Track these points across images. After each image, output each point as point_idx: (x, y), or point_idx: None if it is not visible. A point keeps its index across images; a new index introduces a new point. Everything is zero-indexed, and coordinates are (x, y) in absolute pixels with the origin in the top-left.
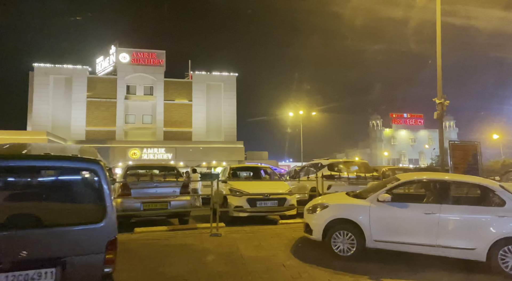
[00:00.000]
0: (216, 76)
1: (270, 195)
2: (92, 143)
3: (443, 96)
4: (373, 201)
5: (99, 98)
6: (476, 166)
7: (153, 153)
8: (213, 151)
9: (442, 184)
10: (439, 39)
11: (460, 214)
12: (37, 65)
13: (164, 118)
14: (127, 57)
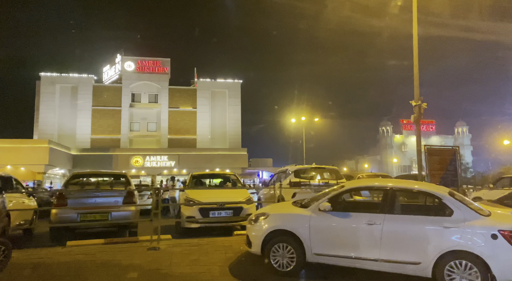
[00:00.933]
0: (220, 83)
1: (225, 204)
2: (97, 151)
3: (420, 99)
4: (314, 210)
5: (104, 107)
6: (455, 172)
7: (156, 161)
8: (216, 158)
9: (387, 191)
10: (416, 40)
11: (405, 225)
12: (44, 75)
13: (169, 125)
14: (132, 66)
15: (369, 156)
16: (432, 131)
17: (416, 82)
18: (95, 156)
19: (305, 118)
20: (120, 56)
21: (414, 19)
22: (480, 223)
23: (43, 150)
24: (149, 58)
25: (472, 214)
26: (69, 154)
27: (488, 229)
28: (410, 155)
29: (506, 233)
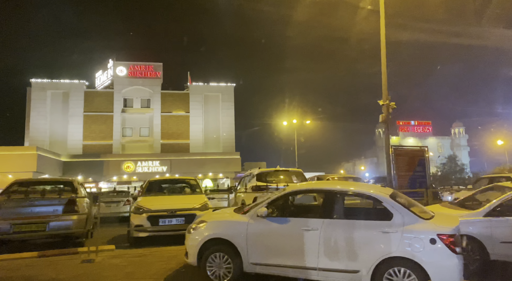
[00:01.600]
0: (213, 87)
1: (176, 211)
2: (88, 157)
3: (388, 98)
4: (252, 216)
5: (96, 112)
6: (424, 173)
7: (148, 166)
8: (209, 163)
9: (327, 194)
10: (383, 40)
11: (343, 230)
12: (34, 81)
13: (161, 130)
14: (124, 71)
15: (366, 158)
16: (429, 133)
17: (384, 82)
18: (86, 162)
19: (296, 121)
20: (112, 61)
21: (382, 19)
22: (420, 227)
23: (31, 157)
24: (141, 63)
25: (412, 217)
26: (59, 160)
27: (426, 233)
28: None
29: (445, 237)
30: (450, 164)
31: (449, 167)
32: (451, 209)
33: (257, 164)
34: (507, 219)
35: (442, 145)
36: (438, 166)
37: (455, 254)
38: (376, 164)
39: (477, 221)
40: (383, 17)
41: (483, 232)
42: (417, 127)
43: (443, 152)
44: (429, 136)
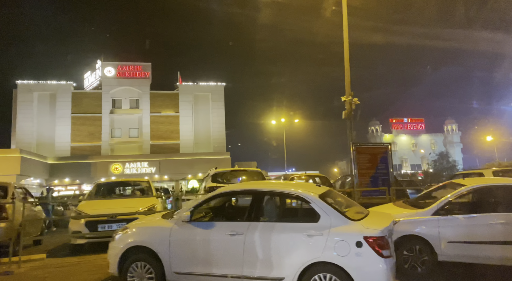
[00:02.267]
0: (203, 86)
1: (116, 216)
2: (77, 159)
3: (351, 94)
4: (177, 221)
5: (84, 114)
6: (386, 171)
7: (136, 167)
8: (199, 163)
9: (256, 195)
10: (346, 37)
11: (269, 234)
12: (21, 82)
13: (151, 131)
14: (113, 71)
15: None
16: (422, 130)
17: (347, 78)
18: (73, 164)
19: (285, 120)
20: (100, 62)
21: (344, 14)
22: (347, 229)
23: (14, 160)
24: (130, 63)
25: (340, 218)
26: (45, 163)
27: (353, 236)
28: (400, 154)
29: (372, 240)
30: (441, 160)
31: (440, 163)
32: (402, 208)
33: (248, 164)
34: (455, 217)
35: (435, 142)
36: (429, 163)
37: (382, 258)
38: None
39: (425, 220)
40: (345, 12)
41: (431, 232)
42: (410, 125)
43: (436, 149)
44: (422, 133)
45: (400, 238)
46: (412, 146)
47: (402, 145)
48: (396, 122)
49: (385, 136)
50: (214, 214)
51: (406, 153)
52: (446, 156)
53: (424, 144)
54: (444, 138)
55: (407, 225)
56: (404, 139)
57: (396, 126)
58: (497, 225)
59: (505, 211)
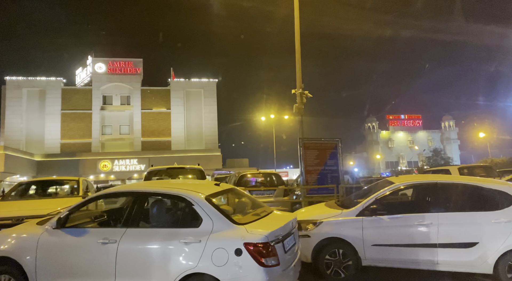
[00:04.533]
0: (195, 83)
1: (23, 218)
2: (66, 156)
3: (301, 86)
4: (48, 228)
5: (74, 110)
6: (336, 168)
7: (125, 165)
8: (189, 160)
9: (135, 198)
10: (298, 27)
11: (144, 241)
12: (9, 79)
13: (142, 128)
14: (103, 67)
15: (356, 153)
16: (419, 126)
17: (298, 70)
18: (61, 161)
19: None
20: (91, 58)
21: (296, 7)
22: (228, 234)
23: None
24: (121, 59)
25: (224, 222)
26: (32, 160)
27: (232, 242)
28: (397, 151)
29: (251, 246)
30: (435, 157)
31: (434, 160)
32: (330, 208)
33: (240, 161)
34: (379, 218)
35: (432, 139)
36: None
37: (263, 268)
38: (366, 159)
39: (349, 221)
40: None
41: (355, 234)
42: (407, 121)
43: (433, 146)
44: (419, 130)
45: (323, 241)
46: (409, 143)
47: (399, 141)
48: (393, 119)
49: (382, 133)
50: (95, 218)
51: (403, 150)
52: (439, 152)
53: (421, 141)
54: (442, 135)
55: (330, 226)
56: (401, 136)
57: (393, 123)
58: (422, 226)
59: (431, 211)
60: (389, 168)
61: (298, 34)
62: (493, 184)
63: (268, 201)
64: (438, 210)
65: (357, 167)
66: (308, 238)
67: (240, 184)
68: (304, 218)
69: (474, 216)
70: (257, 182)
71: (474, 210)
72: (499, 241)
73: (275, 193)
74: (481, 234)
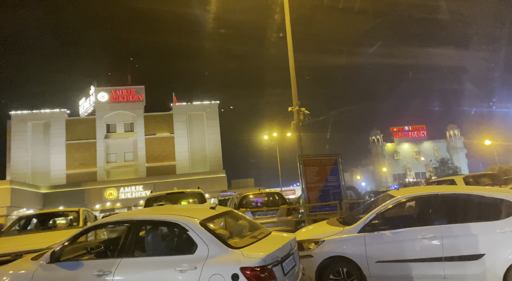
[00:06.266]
0: (197, 105)
1: (23, 254)
2: (72, 187)
3: (298, 103)
4: (43, 263)
5: (78, 140)
6: (337, 184)
7: (131, 192)
8: (194, 183)
9: (129, 226)
10: (291, 45)
11: (139, 272)
12: (14, 113)
13: (146, 153)
14: (106, 96)
15: (362, 167)
16: (424, 137)
17: (294, 87)
18: (67, 192)
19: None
20: (93, 88)
21: (287, 20)
22: (224, 259)
23: (4, 191)
24: (123, 87)
25: (219, 247)
26: (38, 192)
27: (229, 267)
28: (403, 163)
29: (248, 271)
30: (443, 167)
31: (442, 170)
32: (332, 226)
33: (245, 181)
34: (381, 234)
35: (438, 148)
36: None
37: None
38: (372, 172)
39: (351, 238)
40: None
41: (358, 252)
42: (411, 133)
43: (439, 156)
44: (425, 140)
45: (326, 260)
46: (415, 154)
47: (404, 153)
48: (397, 130)
49: (387, 146)
50: (91, 250)
51: (410, 161)
52: (446, 162)
53: (427, 151)
54: (447, 144)
55: (333, 244)
56: (406, 148)
57: (398, 134)
58: (426, 239)
59: (434, 224)
60: (396, 180)
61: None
62: (496, 193)
63: (271, 221)
64: (441, 222)
65: (364, 181)
66: (310, 258)
67: (242, 205)
68: (305, 237)
69: (478, 226)
70: (259, 202)
71: (478, 220)
72: (507, 251)
73: (278, 213)
74: (487, 245)
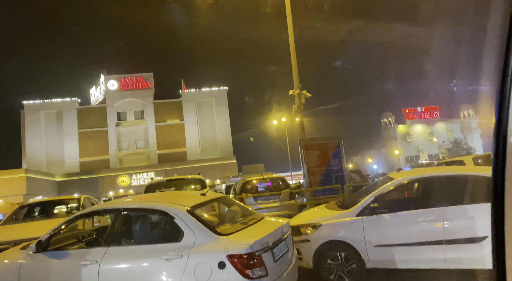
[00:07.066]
0: (206, 92)
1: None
2: (85, 175)
3: (298, 86)
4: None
5: (90, 129)
6: (340, 167)
7: (143, 178)
8: (206, 169)
9: (116, 215)
10: (291, 28)
11: (125, 260)
12: (27, 103)
13: (157, 141)
14: (115, 84)
15: (374, 150)
16: (437, 118)
17: (295, 71)
18: (81, 180)
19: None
20: (103, 76)
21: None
22: (210, 247)
23: (19, 180)
24: (132, 75)
25: (206, 234)
26: (53, 180)
27: (215, 255)
28: (416, 144)
29: (235, 259)
30: (456, 148)
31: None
32: (331, 210)
33: (255, 167)
34: (380, 217)
35: (451, 129)
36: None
37: (248, 280)
38: (384, 155)
39: (349, 222)
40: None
41: (356, 236)
42: (424, 114)
43: (453, 137)
44: (438, 121)
45: (323, 245)
46: (428, 135)
47: (417, 135)
48: (409, 112)
49: (399, 128)
50: (82, 238)
51: (422, 143)
52: (460, 143)
53: (441, 132)
54: (461, 125)
55: (330, 229)
56: (419, 129)
57: (410, 116)
58: (426, 222)
59: (434, 206)
60: (409, 162)
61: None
62: None
63: (274, 205)
64: (442, 204)
65: (376, 164)
66: (308, 242)
67: (245, 190)
68: (303, 222)
69: (481, 208)
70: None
71: (481, 202)
72: None
73: (280, 197)
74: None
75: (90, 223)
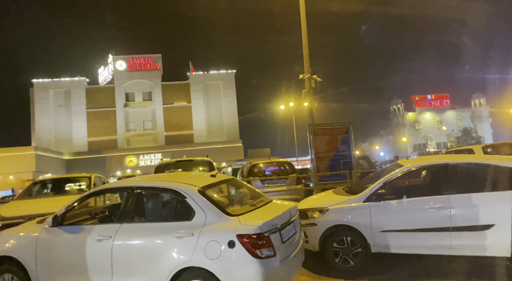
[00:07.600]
0: (214, 75)
1: (36, 217)
2: (93, 154)
3: (309, 71)
4: (47, 227)
5: (98, 108)
6: (348, 153)
7: (150, 159)
8: (212, 152)
9: (128, 193)
10: (304, 15)
11: (138, 237)
12: (36, 81)
13: (164, 122)
14: (124, 65)
15: (382, 137)
16: (447, 106)
17: (306, 54)
18: (89, 159)
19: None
20: (111, 56)
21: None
22: (220, 227)
23: (29, 157)
24: (140, 56)
25: (217, 214)
26: (61, 158)
27: (225, 234)
28: (425, 132)
29: (245, 238)
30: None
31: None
32: (338, 195)
33: (261, 151)
34: (387, 203)
35: (461, 118)
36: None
37: (258, 259)
38: (392, 142)
39: (356, 207)
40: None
41: (363, 221)
42: (434, 102)
43: (463, 125)
44: (448, 109)
45: (330, 229)
46: (437, 123)
47: (426, 123)
48: (419, 99)
49: (408, 115)
50: (95, 215)
51: (431, 131)
52: (469, 131)
53: (450, 121)
54: (472, 114)
55: (337, 213)
56: (428, 117)
57: (419, 103)
58: (433, 209)
59: (442, 193)
60: (416, 150)
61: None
62: (509, 162)
63: (281, 189)
64: (450, 192)
65: (382, 151)
66: (314, 226)
67: (252, 173)
68: (310, 206)
69: (488, 196)
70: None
71: (489, 190)
72: None
73: (287, 181)
74: (497, 215)
75: (101, 201)
